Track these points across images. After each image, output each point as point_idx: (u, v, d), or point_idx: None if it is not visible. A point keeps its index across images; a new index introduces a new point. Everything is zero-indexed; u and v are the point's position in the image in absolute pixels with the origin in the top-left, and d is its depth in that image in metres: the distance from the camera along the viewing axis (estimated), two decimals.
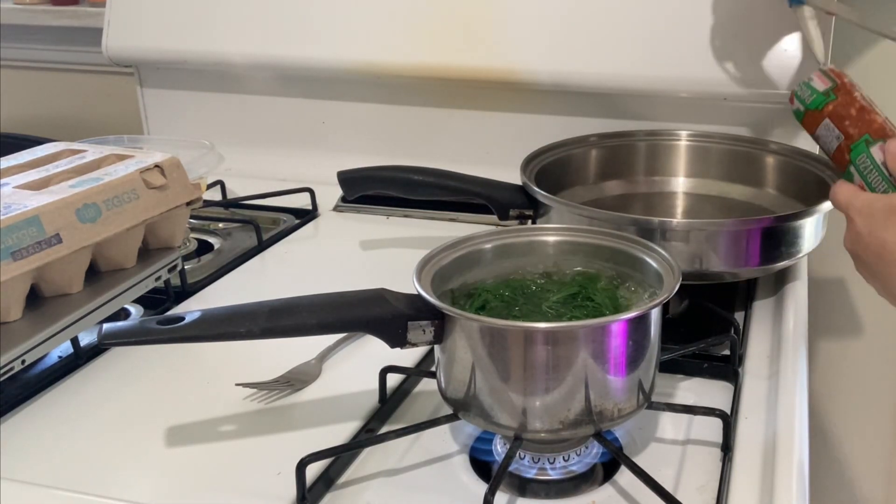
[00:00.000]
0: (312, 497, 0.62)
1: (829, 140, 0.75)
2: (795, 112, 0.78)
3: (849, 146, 0.73)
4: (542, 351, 0.60)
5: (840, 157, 0.74)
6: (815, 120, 0.76)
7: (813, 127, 0.77)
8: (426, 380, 0.77)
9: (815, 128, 0.76)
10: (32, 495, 0.63)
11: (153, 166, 0.85)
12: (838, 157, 0.75)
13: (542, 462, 0.65)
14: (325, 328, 0.64)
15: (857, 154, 0.72)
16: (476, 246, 0.72)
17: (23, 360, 0.72)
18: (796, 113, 0.78)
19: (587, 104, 1.15)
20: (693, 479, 0.65)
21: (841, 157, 0.74)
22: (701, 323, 0.85)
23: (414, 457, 0.68)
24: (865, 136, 0.72)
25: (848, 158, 0.73)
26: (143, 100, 1.36)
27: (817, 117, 0.76)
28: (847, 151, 0.73)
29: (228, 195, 1.19)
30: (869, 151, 0.71)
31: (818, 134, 0.76)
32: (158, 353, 0.76)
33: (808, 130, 0.78)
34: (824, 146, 0.76)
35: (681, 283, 0.64)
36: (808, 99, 0.76)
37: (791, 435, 0.66)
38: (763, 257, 0.84)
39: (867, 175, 0.72)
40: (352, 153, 1.17)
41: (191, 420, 0.72)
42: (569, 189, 1.03)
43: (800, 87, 0.77)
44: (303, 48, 1.21)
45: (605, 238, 0.72)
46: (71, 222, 0.76)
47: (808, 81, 0.77)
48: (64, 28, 1.52)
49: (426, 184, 0.96)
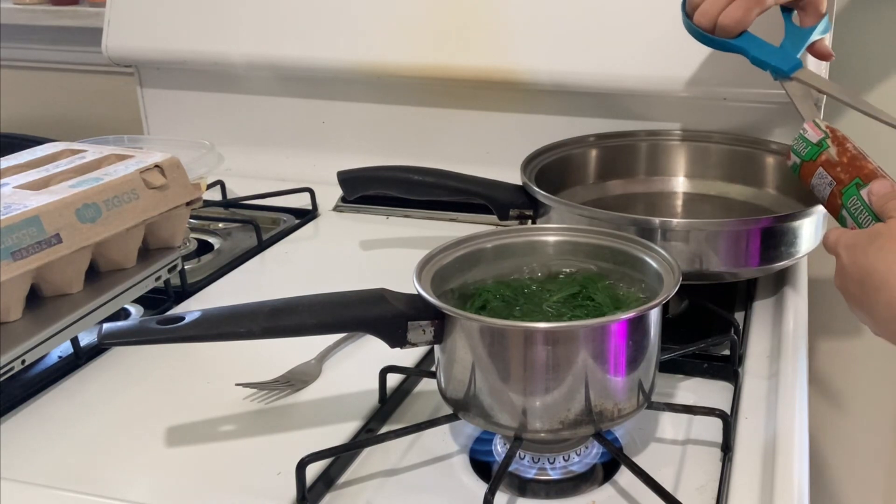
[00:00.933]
0: (312, 497, 0.62)
1: (822, 188, 0.77)
2: (793, 166, 0.80)
3: (840, 191, 0.75)
4: (542, 351, 0.60)
5: (833, 203, 0.76)
6: (810, 171, 0.78)
7: (808, 177, 0.79)
8: (426, 380, 0.77)
9: (811, 178, 0.78)
10: (32, 495, 0.63)
11: (153, 166, 0.85)
12: (831, 203, 0.77)
13: (542, 462, 0.65)
14: (325, 328, 0.64)
15: (848, 197, 0.74)
16: (476, 246, 0.72)
17: (23, 360, 0.72)
18: (794, 167, 0.80)
19: (587, 104, 1.15)
20: (693, 479, 0.65)
21: (834, 202, 0.76)
22: (701, 323, 0.85)
23: (414, 457, 0.68)
24: (856, 179, 0.74)
25: (840, 202, 0.75)
26: (143, 100, 1.36)
27: (812, 168, 0.78)
28: (839, 196, 0.75)
29: (228, 195, 1.19)
30: (859, 194, 0.73)
31: (813, 184, 0.78)
32: (158, 353, 0.76)
33: (803, 182, 0.80)
34: (819, 194, 0.78)
35: (681, 283, 0.64)
36: (804, 151, 0.78)
37: (791, 435, 0.66)
38: (763, 257, 0.84)
39: (858, 216, 0.73)
40: (352, 153, 1.17)
41: (191, 420, 0.71)
42: (569, 189, 1.03)
43: (795, 142, 0.80)
44: (303, 48, 1.21)
45: (605, 238, 0.72)
46: (71, 222, 0.76)
47: (803, 133, 0.79)
48: (64, 28, 1.52)
49: (426, 184, 0.96)
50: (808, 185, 0.79)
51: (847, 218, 0.74)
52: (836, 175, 0.76)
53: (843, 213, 0.75)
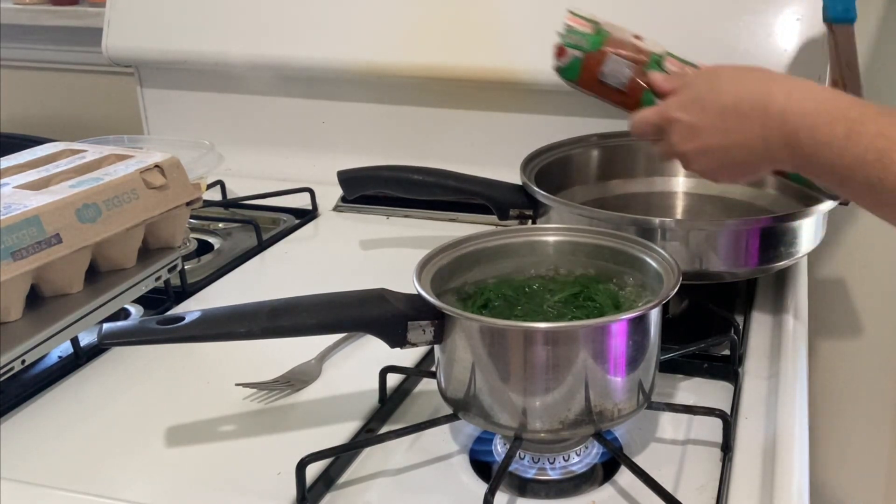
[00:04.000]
0: (312, 497, 0.62)
1: (619, 74, 0.74)
2: (570, 65, 0.76)
3: (642, 70, 0.74)
4: (542, 351, 0.60)
5: (635, 87, 0.74)
6: (598, 60, 0.75)
7: (595, 68, 0.75)
8: (426, 380, 0.77)
9: (599, 68, 0.75)
10: (32, 495, 0.63)
11: (153, 166, 0.85)
12: (633, 87, 0.74)
13: (542, 462, 0.65)
14: (325, 328, 0.65)
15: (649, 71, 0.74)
16: (476, 246, 0.72)
17: (23, 360, 0.72)
18: (572, 65, 0.76)
19: (587, 104, 1.14)
20: (693, 479, 0.65)
21: (636, 85, 0.74)
22: (701, 323, 0.85)
23: (414, 457, 0.68)
24: (653, 55, 0.73)
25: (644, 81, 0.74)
26: (143, 100, 1.36)
27: (599, 57, 0.75)
28: (641, 75, 0.74)
29: (228, 195, 1.19)
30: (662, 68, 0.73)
31: (604, 72, 0.75)
32: (158, 353, 0.76)
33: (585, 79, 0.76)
34: (613, 82, 0.75)
35: (681, 283, 0.64)
36: (585, 42, 0.74)
37: (791, 435, 0.66)
38: (763, 257, 0.84)
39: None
40: (352, 153, 1.17)
41: (191, 420, 0.72)
42: (569, 189, 1.03)
43: (568, 37, 0.75)
44: (303, 48, 1.21)
45: (605, 238, 0.72)
46: (71, 222, 0.76)
47: (570, 29, 0.75)
48: (64, 28, 1.52)
49: (426, 184, 0.96)
50: (595, 77, 0.76)
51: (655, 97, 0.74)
52: (633, 57, 0.74)
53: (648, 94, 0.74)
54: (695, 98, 0.69)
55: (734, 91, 0.67)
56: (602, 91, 0.78)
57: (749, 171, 0.72)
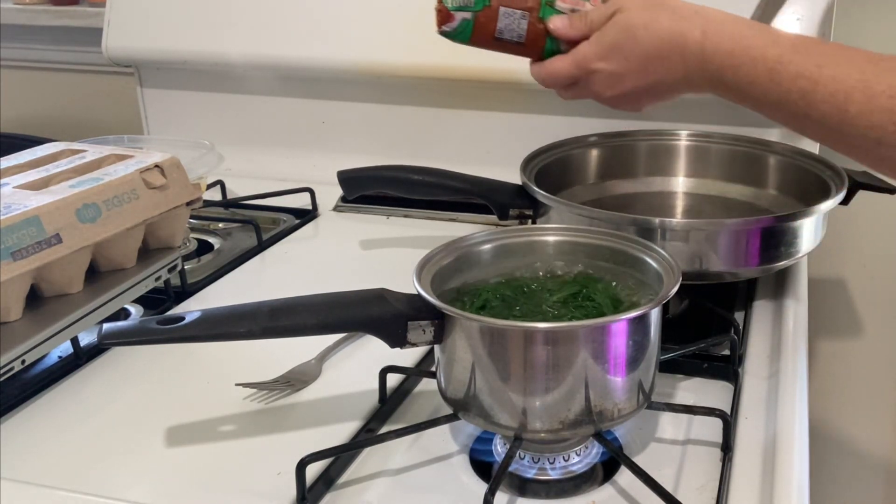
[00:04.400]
0: (312, 497, 0.62)
1: (514, 26, 0.73)
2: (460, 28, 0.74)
3: (538, 17, 0.73)
4: (542, 351, 0.60)
5: (534, 32, 0.74)
6: (490, 17, 0.74)
7: (489, 26, 0.74)
8: (426, 380, 0.77)
9: (493, 25, 0.74)
10: (32, 495, 0.63)
11: (153, 166, 0.85)
12: (532, 35, 0.74)
13: (542, 462, 0.65)
14: (325, 328, 0.64)
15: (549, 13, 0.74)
16: (476, 246, 0.72)
17: (23, 360, 0.72)
18: (462, 28, 0.74)
19: (587, 104, 1.14)
20: (693, 479, 0.65)
21: (535, 32, 0.74)
22: (701, 323, 0.85)
23: (414, 457, 0.68)
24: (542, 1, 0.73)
25: (543, 28, 0.74)
26: (143, 100, 1.36)
27: (491, 14, 0.73)
28: (538, 22, 0.73)
29: (228, 195, 1.19)
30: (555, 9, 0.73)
31: (500, 28, 0.74)
32: (158, 353, 0.76)
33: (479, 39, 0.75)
34: (510, 36, 0.74)
35: (681, 283, 0.64)
36: (471, 2, 0.73)
37: (791, 435, 0.66)
38: (763, 257, 0.84)
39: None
40: (352, 153, 1.17)
41: (191, 420, 0.71)
42: (569, 189, 1.03)
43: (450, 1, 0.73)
44: (303, 48, 1.21)
45: (605, 238, 0.72)
46: (71, 222, 0.76)
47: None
48: (64, 28, 1.52)
49: (426, 184, 0.96)
50: (490, 35, 0.75)
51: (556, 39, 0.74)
52: (523, 5, 0.73)
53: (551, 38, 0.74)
54: (612, 46, 0.71)
55: (651, 35, 0.70)
56: (498, 47, 0.77)
57: (668, 99, 0.77)
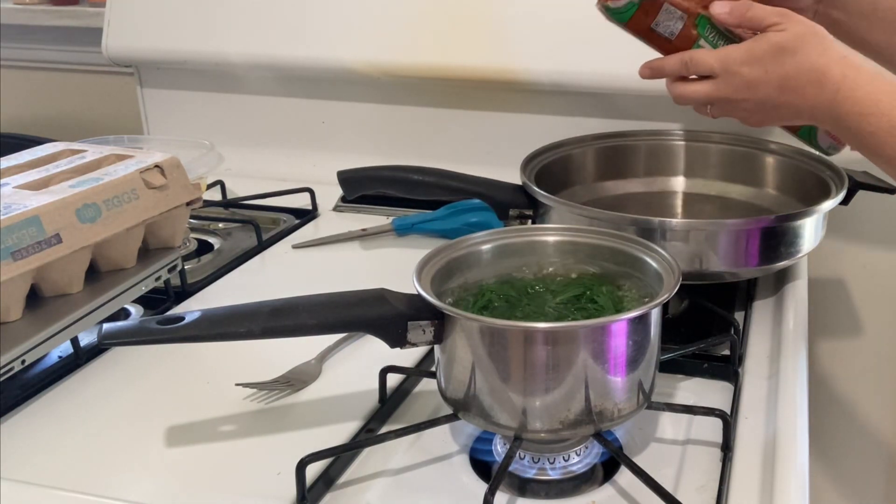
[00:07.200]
0: (312, 497, 0.62)
1: (670, 25, 0.75)
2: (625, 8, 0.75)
3: (694, 22, 0.75)
4: (542, 351, 0.60)
5: (686, 37, 0.76)
6: (654, 8, 0.75)
7: (650, 17, 0.75)
8: (426, 380, 0.77)
9: (654, 17, 0.75)
10: (32, 495, 0.63)
11: (153, 166, 0.85)
12: (683, 38, 0.76)
13: (542, 462, 0.65)
14: (325, 328, 0.64)
15: (704, 26, 0.75)
16: (476, 246, 0.72)
17: (23, 360, 0.72)
18: (627, 8, 0.75)
19: (587, 104, 1.15)
20: (693, 479, 0.65)
21: (687, 35, 0.75)
22: (701, 323, 0.85)
23: (414, 457, 0.68)
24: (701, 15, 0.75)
25: (696, 34, 0.75)
26: (143, 100, 1.36)
27: (655, 6, 0.75)
28: (694, 27, 0.75)
29: (228, 195, 1.19)
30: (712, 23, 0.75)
31: (658, 22, 0.75)
32: (158, 353, 0.76)
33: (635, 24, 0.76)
34: (663, 33, 0.76)
35: (681, 283, 0.64)
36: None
37: (791, 435, 0.66)
38: (763, 257, 0.84)
39: (716, 42, 0.76)
40: (352, 153, 1.17)
41: (191, 420, 0.72)
42: (569, 189, 1.03)
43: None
44: (303, 48, 1.21)
45: (605, 238, 0.72)
46: (71, 222, 0.76)
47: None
48: (64, 28, 1.52)
49: (426, 184, 0.96)
50: (647, 25, 0.76)
51: (706, 47, 0.76)
52: (684, 7, 0.75)
53: (700, 42, 0.75)
54: (759, 57, 0.74)
55: (796, 63, 0.74)
56: (649, 37, 0.78)
57: (785, 124, 0.84)
